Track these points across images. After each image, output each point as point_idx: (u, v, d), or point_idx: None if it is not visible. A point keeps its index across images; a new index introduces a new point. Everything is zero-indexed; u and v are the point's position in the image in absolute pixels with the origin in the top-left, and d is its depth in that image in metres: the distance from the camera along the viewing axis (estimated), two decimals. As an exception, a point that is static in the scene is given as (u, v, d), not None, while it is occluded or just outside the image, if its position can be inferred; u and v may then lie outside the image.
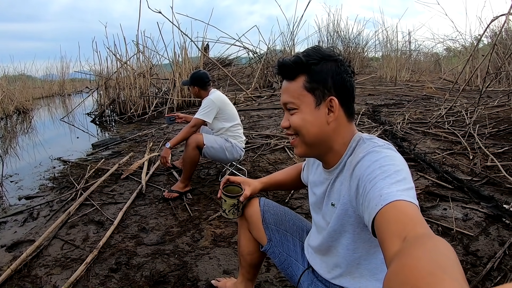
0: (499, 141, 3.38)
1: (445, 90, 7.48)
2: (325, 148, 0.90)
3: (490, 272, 1.57)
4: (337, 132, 0.88)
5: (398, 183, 0.68)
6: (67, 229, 2.25)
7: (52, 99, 13.97)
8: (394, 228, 0.58)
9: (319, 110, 0.86)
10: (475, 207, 2.13)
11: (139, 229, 2.21)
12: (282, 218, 1.25)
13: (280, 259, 1.21)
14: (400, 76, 10.60)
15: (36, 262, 1.89)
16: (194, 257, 1.87)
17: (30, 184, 3.32)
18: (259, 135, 4.32)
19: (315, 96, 0.86)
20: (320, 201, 0.98)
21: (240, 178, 1.26)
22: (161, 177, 3.13)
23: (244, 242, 1.32)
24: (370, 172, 0.74)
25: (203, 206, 2.49)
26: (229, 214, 1.21)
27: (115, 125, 6.91)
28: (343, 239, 0.90)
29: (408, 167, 0.77)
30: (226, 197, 1.19)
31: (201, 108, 2.69)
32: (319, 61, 0.86)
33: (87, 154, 4.33)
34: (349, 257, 0.91)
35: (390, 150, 0.79)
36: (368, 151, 0.80)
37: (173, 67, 7.59)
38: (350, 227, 0.87)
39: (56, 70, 14.40)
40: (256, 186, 1.24)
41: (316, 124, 0.87)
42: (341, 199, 0.86)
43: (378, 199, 0.66)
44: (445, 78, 9.56)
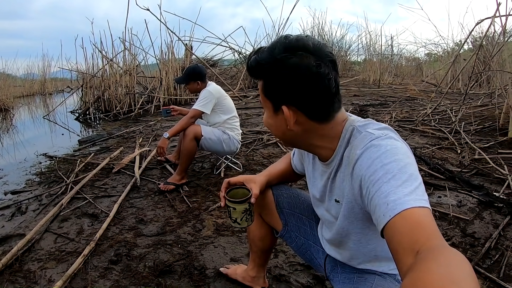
0: (484, 137, 3.54)
1: (428, 92, 7.72)
2: (305, 145, 0.87)
3: (488, 251, 1.64)
4: (308, 134, 0.83)
5: (404, 184, 0.63)
6: (59, 223, 2.16)
7: (33, 98, 13.52)
8: (406, 241, 0.56)
9: (277, 116, 0.83)
10: (468, 194, 2.22)
11: (137, 220, 2.16)
12: (296, 200, 1.19)
13: (297, 243, 1.17)
14: (383, 79, 10.88)
15: (28, 257, 1.79)
16: (198, 246, 1.84)
17: (15, 179, 3.18)
18: (250, 131, 4.33)
19: (272, 103, 0.83)
20: (322, 194, 0.94)
21: (241, 177, 1.11)
22: (154, 171, 3.08)
23: (255, 228, 1.27)
24: (372, 172, 0.68)
25: (201, 198, 2.47)
26: (242, 222, 1.02)
27: (100, 122, 6.75)
28: (353, 235, 0.88)
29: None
30: (235, 203, 1.00)
31: (200, 99, 2.67)
32: (271, 66, 0.78)
33: (74, 150, 4.20)
34: (363, 249, 0.90)
35: (390, 139, 0.72)
36: (366, 146, 0.73)
37: (159, 65, 7.52)
38: (359, 223, 0.84)
39: (37, 69, 13.99)
40: (261, 180, 1.11)
41: (278, 128, 0.85)
42: (345, 197, 0.82)
43: (385, 208, 0.62)
44: (427, 81, 9.87)
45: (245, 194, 1.04)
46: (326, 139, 0.84)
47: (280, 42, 0.78)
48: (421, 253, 0.52)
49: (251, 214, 1.04)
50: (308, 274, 1.57)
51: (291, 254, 1.72)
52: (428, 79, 10.18)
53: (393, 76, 12.01)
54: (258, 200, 1.15)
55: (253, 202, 1.02)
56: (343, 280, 0.99)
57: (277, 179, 1.20)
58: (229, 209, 1.02)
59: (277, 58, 0.76)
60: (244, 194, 1.05)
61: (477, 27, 6.24)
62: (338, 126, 0.82)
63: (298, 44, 0.76)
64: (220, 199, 1.04)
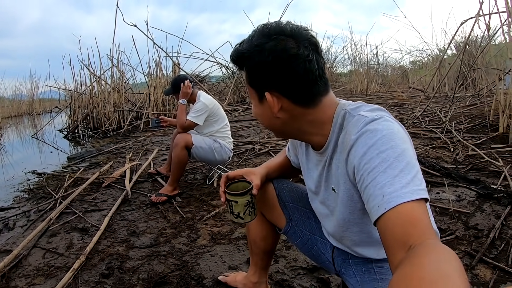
0: (476, 134, 3.57)
1: (415, 98, 7.84)
2: (294, 133, 0.85)
3: (493, 241, 1.61)
4: (296, 120, 0.81)
5: (401, 174, 0.61)
6: (47, 238, 2.07)
7: (21, 118, 13.36)
8: (399, 236, 0.56)
9: (263, 105, 0.81)
10: (466, 187, 2.21)
11: (129, 233, 2.07)
12: (299, 194, 1.13)
13: (302, 239, 1.10)
14: (370, 88, 11.04)
15: (15, 273, 1.70)
16: (194, 256, 1.77)
17: (3, 196, 3.06)
18: (242, 142, 4.29)
19: (256, 91, 0.81)
20: (317, 185, 0.91)
21: (240, 170, 1.06)
22: (145, 184, 3.00)
23: (256, 227, 1.20)
24: (367, 160, 0.66)
25: (195, 208, 2.39)
26: (245, 216, 0.96)
27: (89, 140, 6.64)
28: (354, 227, 0.85)
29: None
30: (236, 196, 0.95)
31: (194, 110, 2.63)
32: (250, 54, 0.77)
33: (63, 167, 4.10)
34: (368, 239, 0.86)
35: (385, 122, 0.70)
36: (361, 130, 0.70)
37: (148, 81, 7.49)
38: (359, 213, 0.81)
39: (25, 89, 13.88)
40: (261, 172, 1.06)
41: (265, 117, 0.83)
42: (341, 185, 0.80)
43: (381, 199, 0.60)
44: (414, 87, 10.05)
45: (246, 187, 0.98)
46: (317, 125, 0.81)
47: (258, 29, 0.78)
48: (413, 249, 0.52)
49: (254, 207, 0.98)
50: (312, 277, 1.51)
51: (291, 259, 1.65)
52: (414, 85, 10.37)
53: (380, 85, 12.20)
54: (259, 196, 1.10)
55: (255, 193, 0.97)
56: (359, 272, 0.92)
57: (276, 172, 1.15)
58: (230, 204, 0.96)
59: (255, 44, 0.76)
60: (244, 187, 1.00)
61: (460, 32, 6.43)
62: (328, 110, 0.80)
63: (275, 29, 0.76)
64: (221, 195, 0.98)
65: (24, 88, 13.96)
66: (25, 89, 13.92)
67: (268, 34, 0.75)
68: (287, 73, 0.74)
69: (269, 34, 0.75)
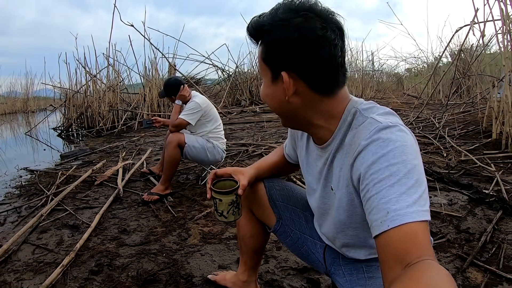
0: (469, 140, 3.59)
1: (409, 104, 7.90)
2: (301, 122, 0.80)
3: (485, 245, 1.61)
4: (309, 109, 0.76)
5: (408, 191, 0.59)
6: (38, 234, 2.05)
7: (15, 116, 13.26)
8: (398, 254, 0.55)
9: (276, 85, 0.75)
10: (458, 191, 2.22)
11: (120, 231, 2.05)
12: (290, 193, 1.12)
13: (292, 238, 1.09)
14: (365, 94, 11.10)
15: (4, 268, 1.69)
16: (184, 254, 1.75)
17: (-6, 192, 3.03)
18: (235, 144, 4.28)
19: (271, 69, 0.75)
20: (316, 180, 0.88)
21: (230, 168, 1.03)
22: (138, 183, 2.98)
23: (245, 225, 1.18)
24: (375, 171, 0.63)
25: (186, 208, 2.37)
26: (228, 215, 0.95)
27: (83, 138, 6.59)
28: (350, 230, 0.83)
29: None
30: (221, 194, 0.93)
31: (187, 109, 2.63)
32: (273, 27, 0.71)
33: (56, 164, 4.06)
34: (362, 243, 0.85)
35: (399, 133, 0.66)
36: (372, 137, 0.66)
37: (143, 81, 7.47)
38: (358, 217, 0.78)
39: (20, 87, 13.80)
40: (250, 172, 1.04)
41: (275, 99, 0.77)
42: (341, 187, 0.77)
43: (385, 215, 0.58)
44: (408, 94, 10.12)
45: (232, 186, 0.97)
46: (326, 118, 0.77)
47: (283, 3, 0.72)
48: (409, 268, 0.52)
49: (239, 207, 0.97)
50: (302, 278, 1.50)
51: (282, 259, 1.64)
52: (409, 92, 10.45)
53: (375, 91, 12.27)
54: (249, 194, 1.10)
55: (241, 193, 0.95)
56: (348, 272, 0.92)
57: (267, 172, 1.13)
58: (215, 201, 0.95)
59: (280, 18, 0.70)
60: (231, 186, 0.98)
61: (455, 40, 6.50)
62: (340, 105, 0.76)
63: (304, 5, 0.70)
64: (207, 192, 0.97)
65: (19, 85, 13.89)
66: (20, 86, 13.85)
67: (296, 9, 0.70)
68: (311, 54, 0.69)
69: (297, 10, 0.70)
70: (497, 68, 5.72)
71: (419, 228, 0.57)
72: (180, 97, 2.69)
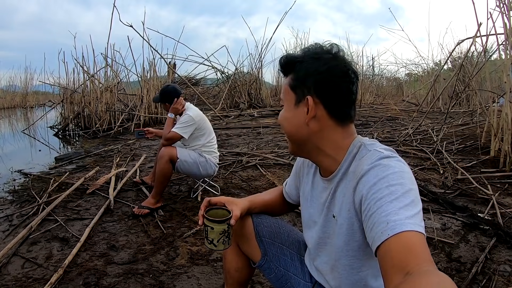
0: (466, 156, 3.56)
1: (408, 112, 7.88)
2: (313, 149, 0.86)
3: (476, 276, 1.58)
4: (322, 135, 0.83)
5: (406, 207, 0.64)
6: (28, 246, 2.04)
7: (14, 111, 13.25)
8: (399, 261, 0.57)
9: (297, 109, 0.84)
10: (452, 217, 2.18)
11: (108, 246, 2.03)
12: (277, 230, 1.13)
13: (276, 274, 1.10)
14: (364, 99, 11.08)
15: (-6, 281, 1.67)
16: (171, 276, 1.72)
17: (-13, 196, 3.01)
18: (230, 153, 4.25)
19: (296, 94, 0.84)
20: (318, 212, 0.91)
21: (223, 198, 1.06)
22: (130, 193, 2.95)
23: (231, 258, 1.18)
24: (376, 190, 0.68)
25: (176, 223, 2.34)
26: (218, 244, 0.96)
27: (79, 139, 6.57)
28: (345, 259, 0.83)
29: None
30: (213, 223, 0.94)
31: (180, 122, 2.59)
32: (303, 59, 0.83)
33: (50, 168, 4.04)
34: (354, 276, 0.84)
35: (398, 162, 0.73)
36: (374, 163, 0.73)
37: (141, 82, 7.42)
38: (355, 244, 0.80)
39: (19, 81, 13.79)
40: (243, 204, 1.06)
41: (294, 122, 0.85)
42: (343, 212, 0.80)
43: (385, 226, 0.62)
44: (408, 100, 10.10)
45: (225, 215, 0.98)
46: (335, 147, 0.84)
47: (315, 45, 0.86)
48: (411, 275, 0.53)
49: (229, 237, 0.97)
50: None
51: (268, 285, 1.62)
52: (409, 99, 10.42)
53: (374, 96, 12.26)
54: (236, 228, 1.10)
55: (233, 224, 0.97)
56: None
57: (260, 207, 1.15)
58: (206, 229, 0.96)
59: (313, 52, 0.83)
60: (224, 215, 0.99)
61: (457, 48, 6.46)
62: (348, 138, 0.84)
63: (332, 48, 0.84)
64: (199, 218, 0.99)
65: (19, 80, 13.88)
66: (19, 81, 13.82)
67: (326, 50, 0.83)
68: (334, 85, 0.81)
69: (327, 51, 0.83)
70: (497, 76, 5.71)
71: (417, 237, 0.60)
72: (173, 110, 2.66)
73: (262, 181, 3.17)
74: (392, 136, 4.95)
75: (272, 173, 3.35)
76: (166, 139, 2.53)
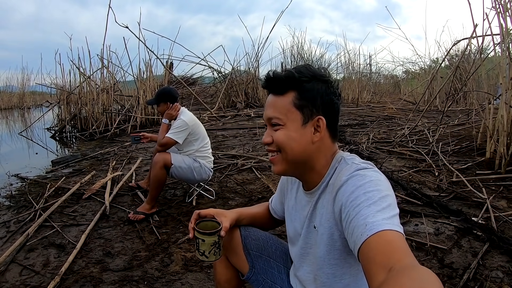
0: (462, 157, 3.56)
1: (405, 111, 7.88)
2: (306, 167, 0.88)
3: (467, 282, 1.59)
4: (320, 152, 0.87)
5: (383, 210, 0.66)
6: (25, 253, 2.06)
7: (11, 111, 13.23)
8: (380, 259, 0.58)
9: (305, 129, 0.85)
10: (445, 222, 2.19)
11: (104, 253, 2.04)
12: (264, 243, 1.16)
13: (264, 286, 1.12)
14: (361, 97, 11.08)
15: (-8, 290, 1.69)
16: (165, 283, 1.73)
17: (-16, 202, 3.01)
18: (225, 155, 4.25)
19: (303, 114, 0.84)
20: (301, 225, 0.93)
21: (213, 210, 1.09)
22: (125, 197, 2.96)
23: (221, 270, 1.20)
24: (354, 198, 0.71)
25: (171, 229, 2.35)
26: (210, 256, 0.98)
27: (75, 141, 6.57)
28: (327, 268, 0.85)
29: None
30: (204, 235, 0.97)
31: (174, 127, 2.59)
32: (311, 79, 0.84)
33: (46, 171, 4.04)
34: (337, 284, 0.86)
35: (374, 172, 0.77)
36: (351, 174, 0.77)
37: (137, 83, 7.40)
38: (337, 253, 0.82)
39: (16, 82, 13.79)
40: (232, 216, 1.09)
41: (301, 142, 0.85)
42: (324, 222, 0.83)
43: (363, 228, 0.64)
44: (405, 99, 10.10)
45: (215, 227, 1.01)
46: (323, 164, 0.87)
47: (308, 64, 0.89)
48: (394, 270, 0.54)
49: (220, 248, 1.01)
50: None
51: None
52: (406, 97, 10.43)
53: (372, 94, 12.25)
54: (225, 242, 1.12)
55: (223, 235, 1.00)
56: None
57: (247, 220, 1.17)
58: (197, 241, 0.98)
59: (317, 72, 0.86)
60: (213, 227, 1.02)
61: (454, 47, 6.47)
62: (334, 153, 0.89)
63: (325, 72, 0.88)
64: (189, 230, 1.01)
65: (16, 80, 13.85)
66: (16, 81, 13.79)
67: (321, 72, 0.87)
68: (336, 107, 0.87)
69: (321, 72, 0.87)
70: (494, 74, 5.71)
71: (396, 235, 0.62)
72: (167, 116, 2.66)
73: (257, 184, 3.17)
74: (388, 136, 4.96)
75: (267, 176, 3.35)
76: (161, 145, 2.54)
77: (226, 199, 2.86)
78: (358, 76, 12.37)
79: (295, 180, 1.01)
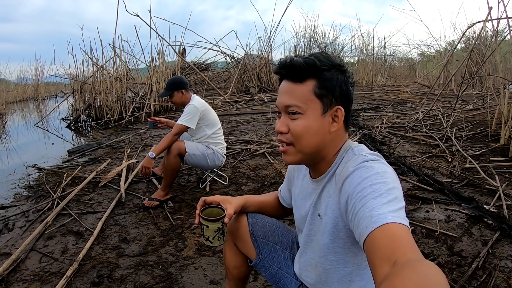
0: (476, 143, 3.50)
1: (420, 95, 7.70)
2: (318, 156, 0.88)
3: (475, 271, 1.59)
4: (334, 142, 0.87)
5: (389, 203, 0.66)
6: (44, 241, 2.14)
7: (26, 103, 13.53)
8: (385, 252, 0.58)
9: (324, 118, 0.84)
10: (456, 209, 2.18)
11: (120, 239, 2.12)
12: (271, 230, 1.19)
13: (271, 272, 1.16)
14: (376, 80, 10.87)
15: (14, 277, 1.78)
16: (179, 267, 1.80)
17: (4, 192, 3.13)
18: (238, 141, 4.28)
19: (323, 103, 0.83)
20: (307, 212, 0.95)
21: (218, 197, 1.11)
22: (140, 184, 3.03)
23: (230, 256, 1.25)
24: (360, 189, 0.71)
25: (185, 214, 2.42)
26: (214, 241, 1.03)
27: (91, 130, 6.69)
28: (331, 255, 0.88)
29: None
30: (208, 221, 1.01)
31: (184, 114, 2.63)
32: (330, 68, 0.83)
33: (63, 161, 4.15)
34: (340, 272, 0.88)
35: (381, 164, 0.77)
36: (358, 165, 0.77)
37: (150, 71, 7.45)
38: (341, 242, 0.84)
39: (30, 73, 14.00)
40: (237, 203, 1.11)
41: (320, 132, 0.84)
42: (328, 212, 0.84)
43: (369, 220, 0.64)
44: (420, 82, 9.87)
45: (220, 214, 1.05)
46: (334, 153, 0.88)
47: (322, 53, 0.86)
48: (398, 264, 0.54)
49: (224, 234, 1.05)
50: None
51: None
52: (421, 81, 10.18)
53: (386, 77, 12.00)
54: (233, 229, 1.17)
55: (227, 222, 1.03)
56: None
57: (254, 206, 1.20)
58: (202, 227, 1.03)
59: (336, 62, 0.85)
60: (218, 213, 1.06)
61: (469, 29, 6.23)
62: (344, 141, 0.89)
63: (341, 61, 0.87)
64: (195, 217, 1.05)
65: (30, 72, 14.05)
66: (30, 73, 14.00)
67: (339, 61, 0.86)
68: (351, 97, 0.87)
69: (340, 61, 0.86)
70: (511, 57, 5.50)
71: (401, 228, 0.62)
72: (181, 102, 2.72)
73: (270, 170, 3.20)
74: (402, 121, 4.89)
75: (279, 161, 3.38)
76: (174, 134, 2.57)
77: (239, 185, 2.91)
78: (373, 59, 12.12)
79: (302, 167, 1.02)
